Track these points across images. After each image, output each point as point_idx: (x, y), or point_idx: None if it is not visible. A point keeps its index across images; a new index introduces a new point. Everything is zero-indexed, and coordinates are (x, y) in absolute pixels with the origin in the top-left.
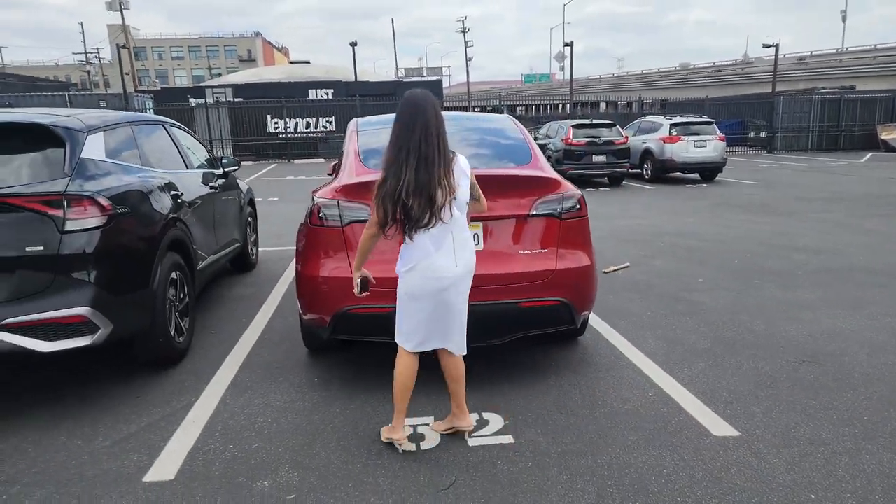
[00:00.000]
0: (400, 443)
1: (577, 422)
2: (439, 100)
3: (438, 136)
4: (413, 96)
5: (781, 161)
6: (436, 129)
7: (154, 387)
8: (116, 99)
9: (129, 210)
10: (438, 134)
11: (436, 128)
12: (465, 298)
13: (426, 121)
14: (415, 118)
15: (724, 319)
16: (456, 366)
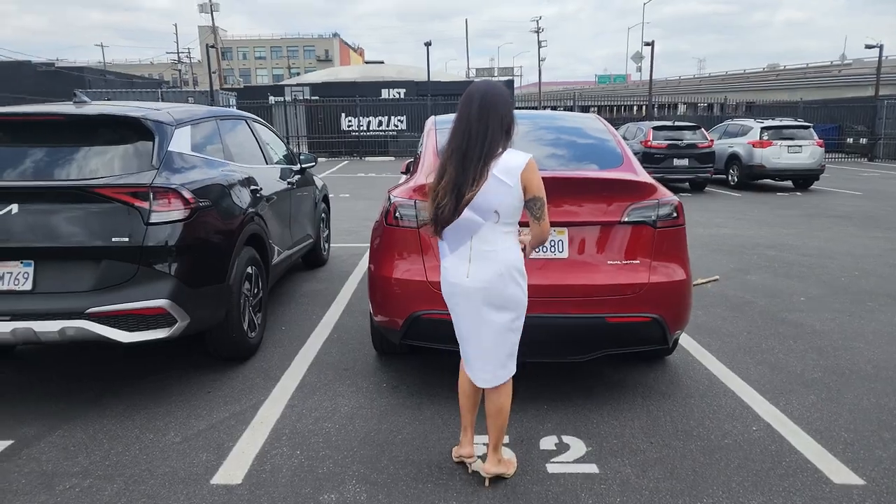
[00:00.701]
0: (470, 461)
1: (669, 454)
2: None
3: (479, 128)
4: (469, 89)
5: (884, 170)
6: (477, 121)
7: (224, 383)
8: (203, 96)
9: (210, 204)
10: (479, 126)
11: (477, 120)
12: (483, 323)
13: (469, 113)
14: (463, 111)
15: (835, 345)
16: (488, 398)
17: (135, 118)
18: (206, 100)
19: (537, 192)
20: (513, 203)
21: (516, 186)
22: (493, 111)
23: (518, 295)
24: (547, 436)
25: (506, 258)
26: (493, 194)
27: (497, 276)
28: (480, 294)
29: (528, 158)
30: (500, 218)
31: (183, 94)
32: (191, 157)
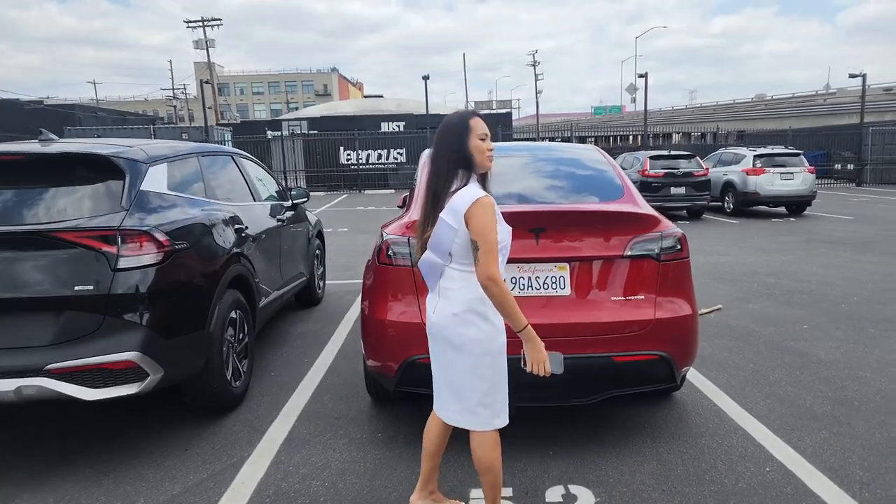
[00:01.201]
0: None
1: (682, 502)
2: (508, 131)
3: (434, 165)
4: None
5: (873, 194)
6: (433, 157)
7: (205, 438)
8: (198, 132)
9: (188, 245)
10: (433, 163)
11: (433, 156)
12: (448, 362)
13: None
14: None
15: (842, 375)
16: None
17: (103, 156)
18: (201, 135)
19: (475, 234)
20: (461, 245)
21: (461, 228)
22: (443, 146)
23: (476, 337)
24: (553, 486)
25: (461, 298)
26: (441, 236)
27: (452, 316)
28: (441, 331)
29: (476, 198)
30: (453, 259)
31: (177, 129)
32: (167, 196)
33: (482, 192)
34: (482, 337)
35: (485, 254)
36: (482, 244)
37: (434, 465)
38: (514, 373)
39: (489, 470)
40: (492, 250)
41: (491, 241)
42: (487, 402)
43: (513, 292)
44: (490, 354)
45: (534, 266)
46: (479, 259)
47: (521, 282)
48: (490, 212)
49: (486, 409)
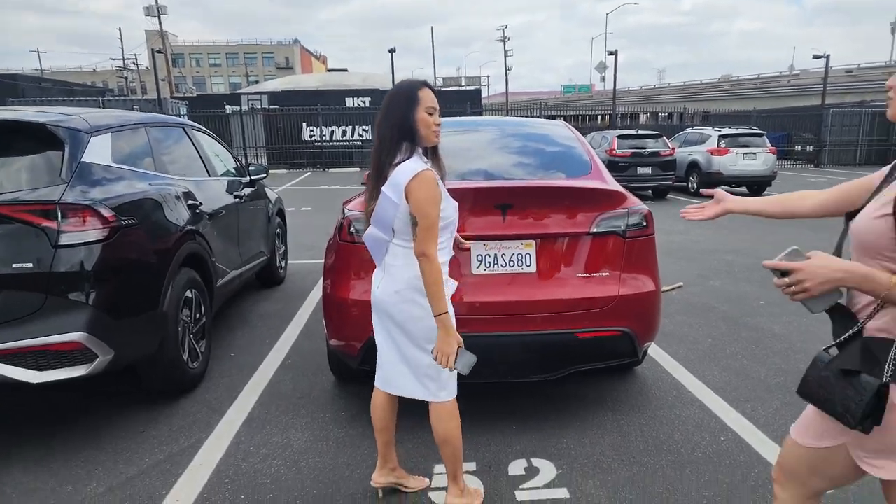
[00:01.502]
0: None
1: (641, 472)
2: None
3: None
4: None
5: (830, 175)
6: (377, 127)
7: (162, 420)
8: (150, 105)
9: (136, 221)
10: (378, 134)
11: (378, 126)
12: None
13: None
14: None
15: (794, 349)
16: (433, 426)
17: (39, 124)
18: (154, 109)
19: (414, 209)
20: (402, 220)
21: (402, 203)
22: (389, 115)
23: (418, 315)
24: (516, 459)
25: (403, 276)
26: (383, 210)
27: (395, 293)
28: (384, 307)
29: (417, 172)
30: (396, 234)
31: (128, 102)
32: (113, 168)
33: (423, 166)
34: (424, 314)
35: (423, 230)
36: (421, 220)
37: (387, 441)
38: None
39: (445, 441)
40: (431, 227)
41: (431, 217)
42: (432, 374)
43: (478, 270)
44: (433, 331)
45: (500, 243)
46: (416, 235)
47: (488, 259)
48: (430, 186)
49: (432, 381)
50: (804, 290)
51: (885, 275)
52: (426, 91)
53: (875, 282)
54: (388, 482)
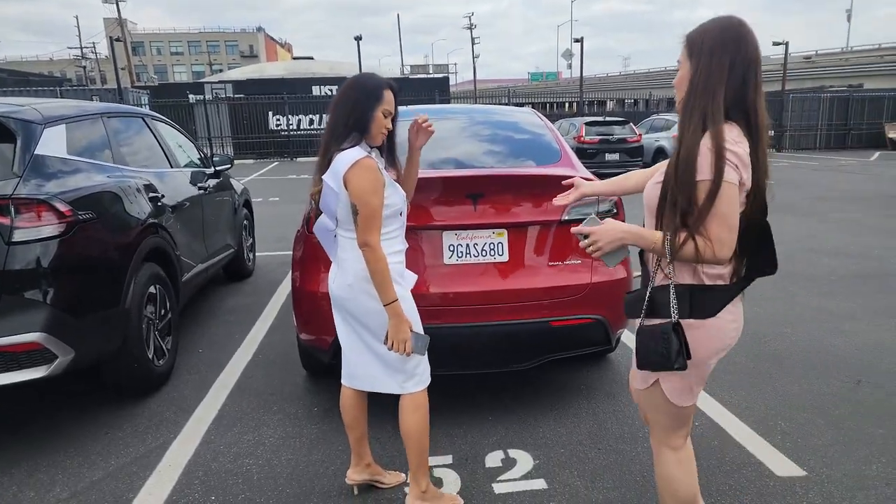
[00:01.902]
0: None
1: (618, 460)
2: (445, 96)
3: (329, 122)
4: None
5: (791, 160)
6: (330, 113)
7: (127, 420)
8: (110, 94)
9: (95, 216)
10: (329, 119)
11: (330, 112)
12: (351, 332)
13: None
14: None
15: (764, 332)
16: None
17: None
18: (114, 99)
19: (353, 198)
20: (344, 209)
21: (342, 192)
22: (348, 102)
23: (374, 308)
24: (492, 451)
25: (354, 269)
26: (326, 198)
27: (348, 287)
28: (341, 302)
29: (356, 160)
30: (339, 224)
31: (87, 92)
32: (68, 161)
33: (363, 154)
34: (380, 306)
35: (363, 218)
36: (361, 208)
37: (359, 437)
38: (452, 340)
39: (408, 434)
40: (371, 216)
41: (371, 206)
42: (397, 366)
43: (450, 260)
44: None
45: (472, 233)
46: (358, 224)
47: (460, 249)
48: (370, 175)
49: (399, 373)
50: (598, 248)
51: (653, 232)
52: (390, 94)
53: (645, 238)
54: (364, 479)
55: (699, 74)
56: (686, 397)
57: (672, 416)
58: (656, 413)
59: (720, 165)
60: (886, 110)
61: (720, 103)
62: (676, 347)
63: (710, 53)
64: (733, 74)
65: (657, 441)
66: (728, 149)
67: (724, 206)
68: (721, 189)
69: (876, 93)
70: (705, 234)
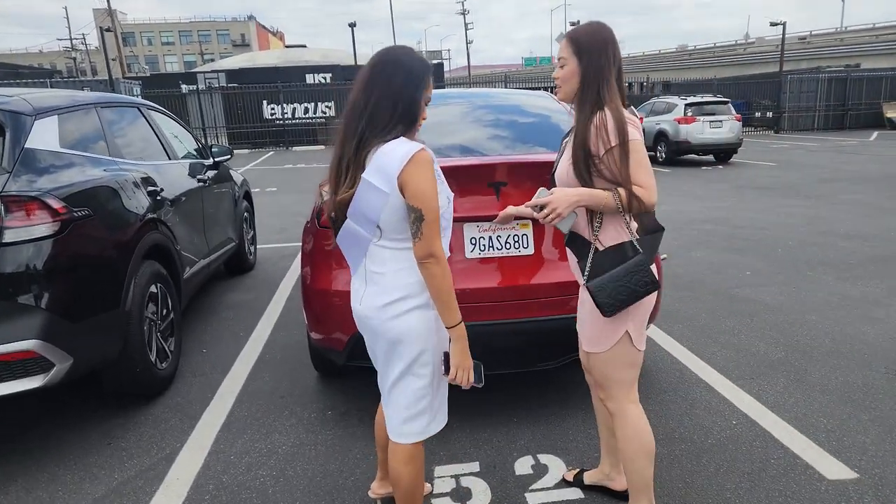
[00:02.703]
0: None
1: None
2: (440, 83)
3: (359, 102)
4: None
5: (791, 141)
6: (361, 91)
7: (130, 428)
8: (101, 86)
9: (91, 213)
10: (360, 99)
11: (361, 90)
12: (383, 360)
13: (357, 81)
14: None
15: (790, 320)
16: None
17: None
18: (106, 90)
19: (415, 200)
20: (393, 215)
21: (394, 193)
22: (393, 87)
23: (416, 328)
24: (522, 457)
25: (397, 283)
26: (365, 202)
27: (384, 307)
28: (370, 325)
29: (414, 152)
30: (384, 234)
31: (77, 84)
32: (61, 154)
33: (418, 145)
34: (420, 329)
35: (428, 225)
36: (427, 212)
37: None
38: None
39: (397, 484)
40: (436, 220)
41: (435, 209)
42: (423, 406)
43: (472, 254)
44: (430, 349)
45: (495, 224)
46: (422, 231)
47: (482, 242)
48: (432, 171)
49: (423, 417)
50: (557, 214)
51: (601, 191)
52: (430, 78)
53: (597, 196)
54: (388, 492)
55: (591, 67)
56: (643, 339)
57: (634, 367)
58: (620, 371)
59: (624, 128)
60: (884, 90)
61: (613, 86)
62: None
63: (599, 50)
64: (615, 66)
65: (619, 401)
66: (628, 117)
67: (642, 157)
68: (632, 145)
69: (873, 73)
70: (638, 184)
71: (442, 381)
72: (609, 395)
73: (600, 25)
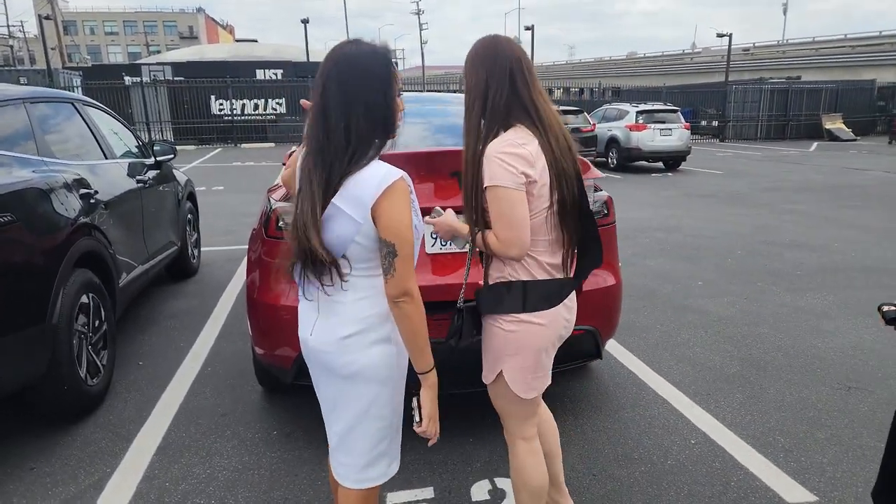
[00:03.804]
0: None
1: (616, 489)
2: None
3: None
4: (328, 56)
5: (734, 150)
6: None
7: (55, 452)
8: (39, 76)
9: (15, 218)
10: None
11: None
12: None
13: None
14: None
15: (743, 333)
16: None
17: None
18: (44, 80)
19: (387, 233)
20: (365, 246)
21: (367, 223)
22: (359, 96)
23: (372, 367)
24: (478, 480)
25: (357, 315)
26: (333, 231)
27: (341, 340)
28: (322, 359)
29: (391, 181)
30: (352, 264)
31: (12, 74)
32: None
33: (396, 173)
34: (380, 364)
35: (403, 260)
36: (401, 247)
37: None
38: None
39: None
40: (411, 255)
41: (410, 243)
42: (383, 448)
43: (433, 249)
44: (390, 384)
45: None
46: (395, 268)
47: None
48: (408, 202)
49: (383, 457)
50: (441, 236)
51: (465, 227)
52: (393, 69)
53: (459, 231)
54: None
55: (468, 92)
56: (527, 390)
57: (520, 407)
58: (507, 404)
59: (493, 172)
60: (823, 102)
61: (479, 116)
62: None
63: (470, 72)
64: (494, 84)
65: (510, 434)
66: (507, 152)
67: (504, 208)
68: (496, 193)
69: (813, 84)
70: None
71: (399, 419)
72: (504, 427)
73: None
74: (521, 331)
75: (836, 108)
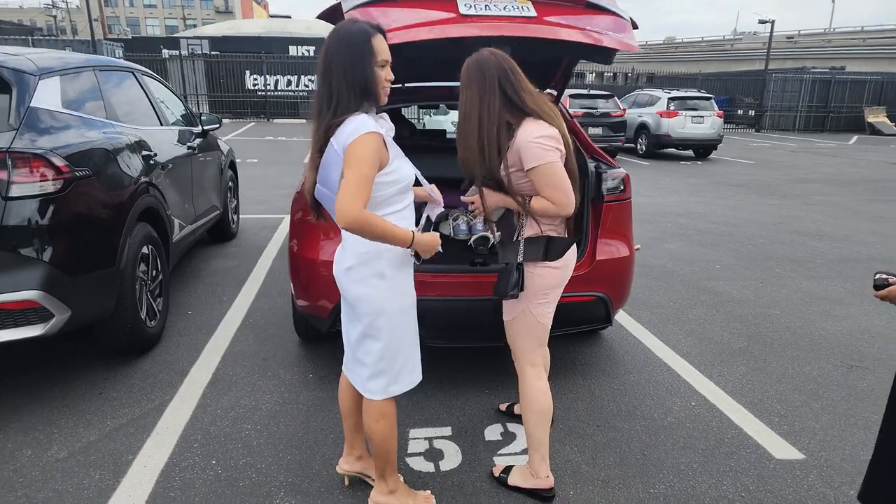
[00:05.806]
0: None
1: (617, 438)
2: None
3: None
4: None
5: (770, 140)
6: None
7: (121, 381)
8: (83, 46)
9: (91, 173)
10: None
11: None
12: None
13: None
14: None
15: (754, 313)
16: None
17: None
18: (88, 51)
19: (344, 164)
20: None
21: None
22: (339, 69)
23: (366, 296)
24: (492, 424)
25: (354, 250)
26: (329, 167)
27: (346, 270)
28: (339, 284)
29: (363, 132)
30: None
31: (59, 43)
32: (62, 115)
33: (370, 127)
34: (374, 296)
35: (347, 183)
36: (348, 172)
37: (352, 426)
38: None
39: (370, 439)
40: (356, 182)
41: (360, 175)
42: (382, 367)
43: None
44: (385, 315)
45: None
46: (340, 189)
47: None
48: (371, 149)
49: (382, 375)
50: (485, 208)
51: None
52: (380, 39)
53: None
54: (354, 471)
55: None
56: (546, 316)
57: (534, 334)
58: (523, 338)
59: (536, 154)
60: (867, 94)
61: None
62: (515, 280)
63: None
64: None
65: (519, 361)
66: (543, 135)
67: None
68: (544, 170)
69: (858, 76)
70: (548, 199)
71: (402, 346)
72: (515, 357)
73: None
74: (546, 273)
75: (880, 100)
